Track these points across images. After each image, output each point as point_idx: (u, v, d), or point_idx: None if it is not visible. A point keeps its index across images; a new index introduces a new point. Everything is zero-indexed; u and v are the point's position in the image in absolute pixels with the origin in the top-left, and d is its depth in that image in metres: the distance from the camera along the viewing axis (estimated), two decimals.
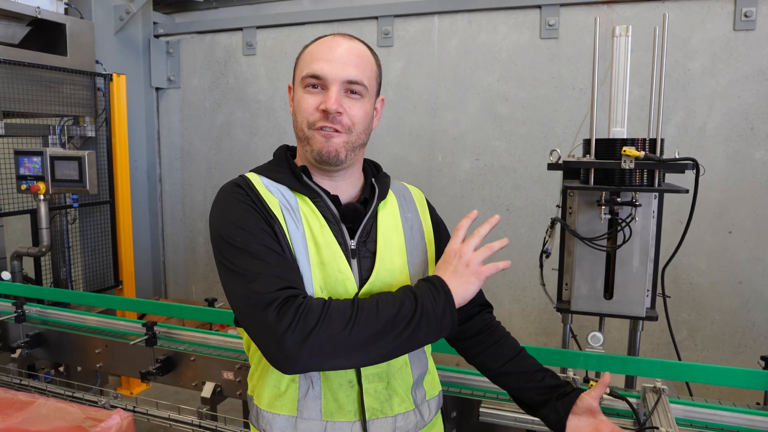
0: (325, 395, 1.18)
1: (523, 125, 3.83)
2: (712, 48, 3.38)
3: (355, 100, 1.18)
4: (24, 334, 2.53)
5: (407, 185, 1.42)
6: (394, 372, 1.23)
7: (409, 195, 1.38)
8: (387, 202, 1.30)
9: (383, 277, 1.21)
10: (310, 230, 1.17)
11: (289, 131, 4.44)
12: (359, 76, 1.17)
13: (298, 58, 1.26)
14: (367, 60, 1.22)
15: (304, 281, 1.13)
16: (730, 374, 1.64)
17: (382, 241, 1.23)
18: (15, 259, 3.50)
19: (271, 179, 1.23)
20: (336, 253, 1.17)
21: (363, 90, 1.18)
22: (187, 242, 5.01)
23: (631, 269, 1.91)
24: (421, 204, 1.39)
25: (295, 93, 1.23)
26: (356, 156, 1.24)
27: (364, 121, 1.21)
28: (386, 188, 1.32)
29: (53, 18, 3.61)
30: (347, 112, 1.16)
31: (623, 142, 1.82)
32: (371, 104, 1.24)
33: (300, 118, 1.20)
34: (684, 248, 2.06)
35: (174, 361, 2.27)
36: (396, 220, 1.29)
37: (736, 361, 3.47)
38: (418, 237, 1.31)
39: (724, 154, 3.42)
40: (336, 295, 1.15)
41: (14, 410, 1.81)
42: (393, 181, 1.38)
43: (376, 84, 1.25)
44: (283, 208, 1.18)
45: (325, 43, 1.20)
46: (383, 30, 4.07)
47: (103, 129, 3.95)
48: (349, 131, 1.18)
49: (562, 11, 3.66)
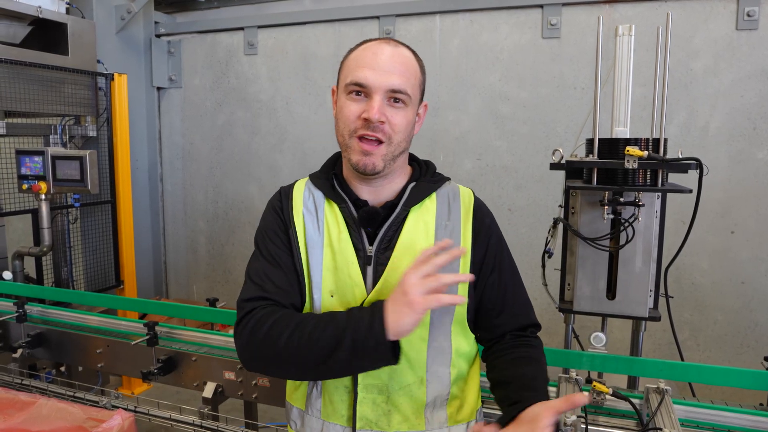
0: (324, 395, 1.23)
1: (524, 125, 3.82)
2: (715, 47, 3.38)
3: (398, 108, 1.17)
4: (25, 333, 2.53)
5: (461, 188, 1.32)
6: (399, 388, 1.19)
7: (457, 200, 1.28)
8: (422, 208, 1.24)
9: (393, 285, 1.15)
10: (329, 236, 1.22)
11: (290, 131, 4.45)
12: (403, 84, 1.16)
13: (342, 63, 1.24)
14: (412, 67, 1.20)
15: (312, 284, 1.20)
16: (733, 375, 1.64)
17: (400, 248, 1.19)
18: (16, 258, 3.50)
19: (314, 184, 1.30)
20: (349, 259, 1.19)
21: (406, 98, 1.17)
22: (188, 242, 5.01)
23: (634, 269, 1.91)
24: (466, 209, 1.27)
25: (339, 98, 1.23)
26: (396, 164, 1.22)
27: (406, 130, 1.19)
28: (422, 193, 1.24)
29: (55, 17, 3.61)
30: (389, 120, 1.15)
31: (626, 141, 1.81)
32: (414, 111, 1.22)
33: (341, 125, 1.20)
34: (686, 248, 2.06)
35: (175, 361, 2.27)
36: (428, 227, 1.22)
37: (738, 362, 3.46)
38: (454, 246, 1.21)
39: (727, 153, 3.41)
40: (345, 300, 1.18)
41: (15, 410, 1.80)
42: (448, 183, 1.31)
43: (419, 91, 1.23)
44: (307, 213, 1.25)
45: (369, 49, 1.19)
46: (385, 30, 4.06)
47: (104, 129, 3.94)
48: (390, 140, 1.16)
49: (564, 11, 3.65)
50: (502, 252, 1.29)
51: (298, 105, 4.42)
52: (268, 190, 4.60)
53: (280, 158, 4.54)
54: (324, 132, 4.36)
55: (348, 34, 4.20)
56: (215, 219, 4.86)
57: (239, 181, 4.72)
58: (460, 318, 1.22)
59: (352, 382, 1.19)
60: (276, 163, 4.55)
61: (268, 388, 2.11)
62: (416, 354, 1.18)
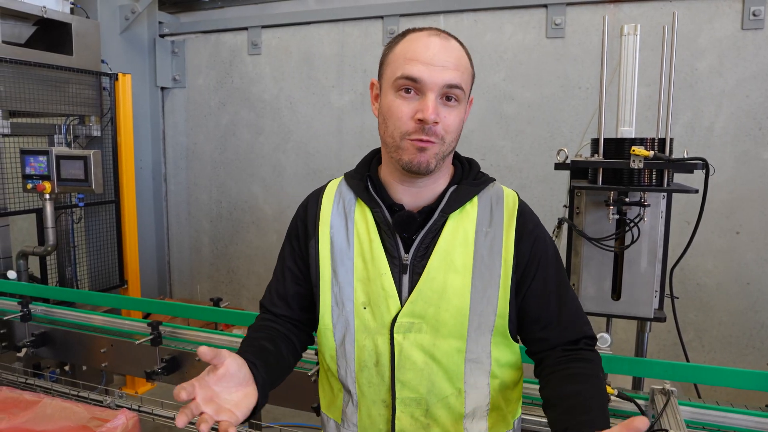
0: (360, 409, 1.19)
1: (529, 125, 3.81)
2: (720, 47, 3.36)
3: (452, 107, 1.08)
4: (29, 333, 2.54)
5: (506, 191, 1.22)
6: (437, 400, 1.15)
7: (500, 204, 1.18)
8: (462, 213, 1.15)
9: (428, 296, 1.11)
10: (359, 244, 1.17)
11: (294, 130, 4.45)
12: (458, 79, 1.07)
13: (386, 55, 1.14)
14: (464, 61, 1.11)
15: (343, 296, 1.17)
16: (739, 376, 1.63)
17: (437, 256, 1.12)
18: (21, 258, 3.51)
19: (348, 185, 1.23)
20: (381, 269, 1.13)
21: (460, 94, 1.08)
22: (192, 242, 5.02)
23: (639, 270, 1.90)
24: (509, 214, 1.17)
25: (384, 96, 1.12)
26: (444, 164, 1.14)
27: (459, 129, 1.11)
28: (463, 197, 1.16)
29: (59, 17, 3.61)
30: (443, 121, 1.07)
31: (632, 141, 1.80)
32: (465, 108, 1.13)
33: (391, 126, 1.10)
34: (691, 249, 2.05)
35: (179, 360, 2.27)
36: (467, 235, 1.14)
37: (743, 363, 3.45)
38: (496, 256, 1.14)
39: (732, 154, 3.40)
40: (380, 311, 1.14)
41: (20, 409, 1.81)
42: (492, 185, 1.21)
43: (469, 88, 1.14)
44: (337, 221, 1.20)
45: (419, 40, 1.08)
46: (388, 29, 4.06)
47: (108, 128, 3.95)
48: (442, 141, 1.08)
49: (569, 10, 3.64)
50: (548, 259, 1.17)
51: (301, 105, 4.42)
52: (272, 190, 4.61)
53: (283, 158, 4.54)
54: (328, 132, 4.36)
55: (352, 34, 4.20)
56: (219, 219, 4.87)
57: (243, 181, 4.72)
58: (500, 329, 1.14)
59: (390, 395, 1.15)
60: (280, 163, 4.56)
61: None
62: (453, 366, 1.13)
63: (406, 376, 1.13)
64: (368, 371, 1.16)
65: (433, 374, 1.13)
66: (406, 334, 1.12)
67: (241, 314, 2.54)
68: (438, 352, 1.12)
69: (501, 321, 1.13)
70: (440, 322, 1.11)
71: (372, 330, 1.15)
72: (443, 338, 1.12)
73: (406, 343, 1.12)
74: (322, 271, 1.19)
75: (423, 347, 1.12)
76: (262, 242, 4.71)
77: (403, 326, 1.12)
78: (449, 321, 1.11)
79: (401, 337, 1.12)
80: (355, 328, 1.16)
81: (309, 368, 2.03)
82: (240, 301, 4.82)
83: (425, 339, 1.12)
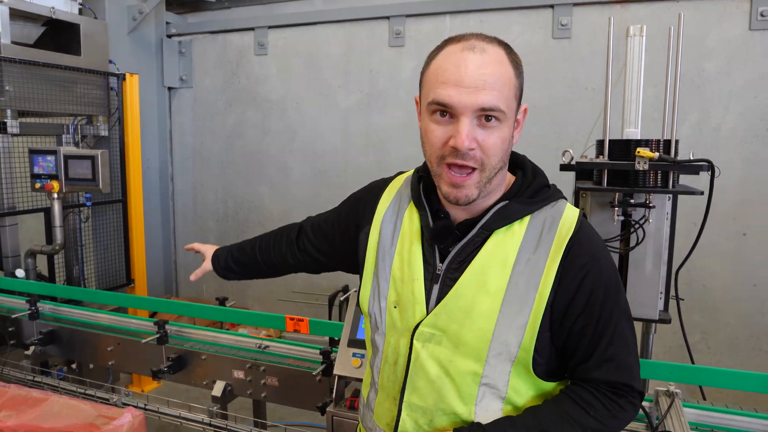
0: (378, 398, 1.23)
1: (534, 126, 3.80)
2: (728, 48, 3.34)
3: (492, 128, 1.01)
4: (37, 331, 2.56)
5: (567, 213, 1.10)
6: (443, 414, 1.12)
7: (553, 229, 1.07)
8: (508, 232, 1.08)
9: (453, 312, 1.08)
10: (401, 244, 1.17)
11: (300, 131, 4.46)
12: (493, 100, 0.99)
13: (424, 71, 1.08)
14: (504, 75, 1.02)
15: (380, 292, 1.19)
16: (745, 378, 1.62)
17: (470, 274, 1.07)
18: (29, 256, 3.54)
19: (410, 183, 1.23)
20: (415, 274, 1.13)
21: (500, 115, 1.01)
22: (198, 241, 5.02)
23: (644, 271, 1.90)
24: (559, 244, 1.06)
25: (422, 117, 1.07)
26: (491, 185, 1.07)
27: (501, 150, 1.03)
28: (512, 215, 1.08)
29: (68, 18, 3.64)
30: (480, 144, 1.00)
31: (637, 143, 1.80)
32: (511, 126, 1.06)
33: (428, 151, 1.06)
34: (697, 250, 2.04)
35: (185, 359, 2.28)
36: (507, 258, 1.06)
37: (750, 366, 3.43)
38: (532, 287, 1.05)
39: (740, 155, 3.38)
40: (406, 315, 1.14)
41: (28, 407, 1.82)
42: (552, 205, 1.11)
43: (515, 100, 1.07)
44: (389, 216, 1.22)
45: (451, 57, 1.02)
46: (395, 30, 4.07)
47: (116, 128, 3.98)
48: (482, 166, 1.02)
49: (575, 11, 3.63)
50: (601, 296, 1.06)
51: (308, 105, 4.43)
52: (278, 190, 4.62)
53: (290, 158, 4.55)
54: (334, 132, 4.37)
55: (358, 35, 4.20)
56: (225, 218, 4.89)
57: (249, 181, 4.74)
58: (523, 362, 1.07)
59: (399, 395, 1.15)
60: (286, 163, 4.57)
61: (277, 387, 2.12)
62: (466, 387, 1.10)
63: (417, 384, 1.13)
64: (389, 367, 1.18)
65: (444, 389, 1.10)
66: (425, 344, 1.11)
67: (247, 314, 2.56)
68: (453, 369, 1.09)
69: (524, 354, 1.06)
70: (461, 341, 1.08)
71: (398, 330, 1.15)
72: (461, 357, 1.08)
73: (423, 352, 1.11)
74: (367, 261, 1.23)
75: (439, 360, 1.10)
76: None
77: (423, 335, 1.11)
78: (470, 342, 1.07)
79: (420, 345, 1.11)
80: (386, 324, 1.18)
81: (314, 368, 2.04)
82: (245, 300, 4.84)
83: (443, 353, 1.09)
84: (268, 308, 4.56)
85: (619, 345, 1.07)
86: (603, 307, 1.06)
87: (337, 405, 1.80)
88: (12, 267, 3.46)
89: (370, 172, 4.26)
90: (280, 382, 2.11)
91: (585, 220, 1.12)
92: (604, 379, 1.07)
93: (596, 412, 1.06)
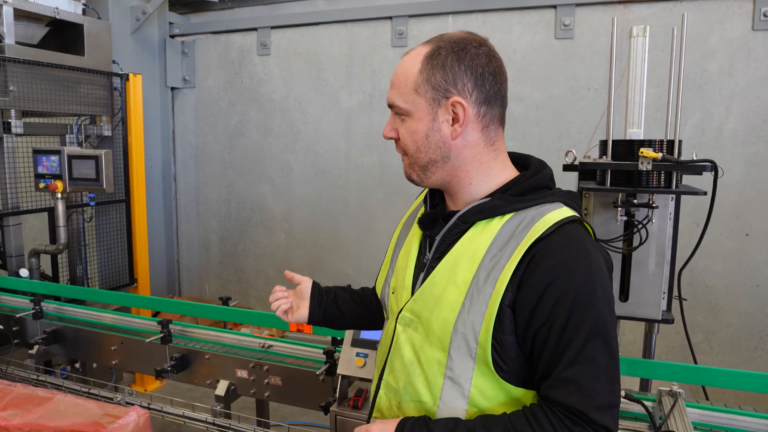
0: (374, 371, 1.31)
1: (537, 126, 3.81)
2: (730, 48, 3.34)
3: (402, 122, 1.13)
4: (41, 330, 2.57)
5: (548, 218, 1.05)
6: (410, 399, 1.15)
7: (527, 229, 1.05)
8: (488, 226, 1.09)
9: (426, 299, 1.12)
10: (410, 236, 1.27)
11: (302, 131, 4.47)
12: (391, 98, 1.14)
13: None
14: (405, 74, 1.10)
15: (387, 277, 1.30)
16: (747, 378, 1.63)
17: (445, 264, 1.11)
18: (33, 256, 3.55)
19: None
20: (409, 263, 1.22)
21: (400, 110, 1.12)
22: (201, 241, 5.05)
23: (647, 271, 1.90)
24: (525, 243, 1.03)
25: None
26: (436, 173, 1.13)
27: (414, 141, 1.11)
28: (491, 210, 1.09)
29: (71, 18, 3.65)
30: (398, 135, 1.15)
31: (640, 143, 1.80)
32: (421, 120, 1.09)
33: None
34: (700, 250, 2.04)
35: (188, 359, 2.29)
36: (477, 252, 1.07)
37: (752, 365, 3.43)
38: (490, 283, 1.04)
39: (742, 155, 3.38)
40: (398, 300, 1.22)
41: (33, 405, 1.83)
42: (538, 207, 1.08)
43: (421, 96, 1.08)
44: (415, 212, 1.31)
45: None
46: (397, 30, 4.07)
47: (119, 128, 3.99)
48: (405, 152, 1.15)
49: (578, 11, 3.63)
50: (569, 306, 0.99)
51: (310, 105, 4.44)
52: (281, 189, 4.63)
53: (292, 158, 4.56)
54: (336, 132, 4.37)
55: (361, 35, 4.21)
56: (228, 218, 4.90)
57: (252, 181, 4.75)
58: (483, 359, 1.05)
59: (380, 373, 1.23)
60: (288, 163, 4.58)
61: (281, 387, 2.13)
62: (432, 376, 1.11)
63: (394, 364, 1.19)
64: (382, 348, 1.27)
65: (414, 374, 1.15)
66: (405, 328, 1.17)
67: (250, 313, 2.56)
68: (423, 355, 1.13)
69: (482, 351, 1.04)
70: (430, 329, 1.12)
71: (393, 313, 1.23)
72: (429, 345, 1.12)
73: (403, 336, 1.17)
74: (388, 251, 1.34)
75: (413, 345, 1.15)
76: (270, 242, 4.74)
77: (404, 319, 1.18)
78: (437, 330, 1.10)
79: (401, 329, 1.18)
80: (388, 309, 1.28)
81: (317, 367, 2.05)
82: (248, 300, 4.84)
83: (417, 339, 1.15)
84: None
85: (583, 366, 0.98)
86: (569, 320, 0.99)
87: (340, 404, 1.81)
88: (16, 266, 3.47)
89: (372, 173, 4.27)
90: (284, 382, 2.12)
91: (573, 227, 1.05)
92: (559, 400, 0.99)
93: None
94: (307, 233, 4.57)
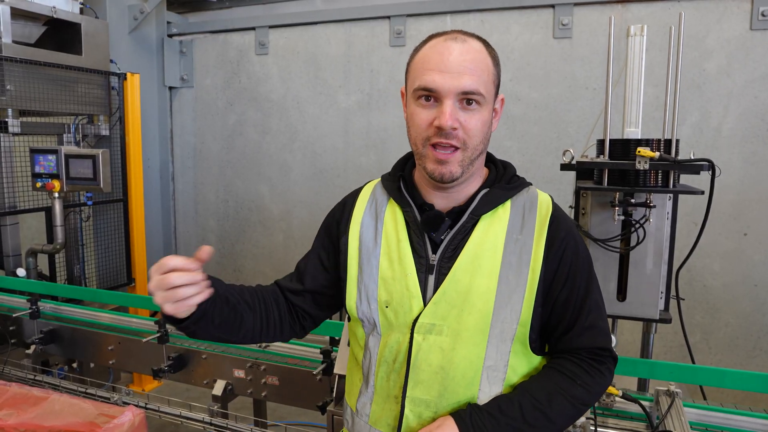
0: (374, 401, 1.21)
1: (535, 125, 3.81)
2: (728, 48, 3.34)
3: (472, 111, 1.09)
4: (38, 330, 2.57)
5: (540, 195, 1.20)
6: (448, 405, 1.13)
7: (533, 210, 1.17)
8: (494, 216, 1.15)
9: (452, 298, 1.11)
10: (387, 244, 1.19)
11: (301, 130, 4.47)
12: (474, 84, 1.07)
13: (409, 63, 1.17)
14: (483, 63, 1.10)
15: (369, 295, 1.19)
16: (745, 378, 1.63)
17: (465, 258, 1.12)
18: (30, 256, 3.54)
19: (383, 186, 1.27)
20: (407, 269, 1.15)
21: (480, 98, 1.09)
22: (199, 240, 5.04)
23: (645, 271, 1.90)
24: (541, 222, 1.16)
25: (408, 104, 1.16)
26: (473, 167, 1.15)
27: (482, 132, 1.11)
28: (495, 200, 1.16)
29: (69, 18, 3.64)
30: (463, 125, 1.08)
31: (638, 142, 1.80)
32: (489, 110, 1.13)
33: (413, 133, 1.14)
34: (698, 250, 2.04)
35: (186, 358, 2.29)
36: (497, 240, 1.13)
37: (750, 365, 3.43)
38: (524, 265, 1.13)
39: (740, 155, 3.38)
40: (402, 311, 1.15)
41: (29, 405, 1.83)
42: (527, 190, 1.20)
43: (494, 87, 1.13)
44: (368, 221, 1.24)
45: (435, 48, 1.11)
46: (395, 29, 4.07)
47: (116, 128, 3.98)
48: (465, 145, 1.09)
49: (576, 11, 3.63)
50: (578, 267, 1.16)
51: (308, 105, 4.44)
52: (279, 189, 4.62)
53: (290, 158, 4.56)
54: (334, 131, 4.37)
55: (359, 34, 4.21)
56: (226, 218, 4.89)
57: (250, 181, 4.74)
58: (521, 338, 1.13)
59: (401, 393, 1.15)
60: (286, 162, 4.57)
61: (278, 387, 2.13)
62: (470, 372, 1.12)
63: (419, 377, 1.13)
64: (387, 366, 1.18)
65: (448, 379, 1.12)
66: (426, 336, 1.12)
67: None
68: (456, 356, 1.11)
69: (522, 329, 1.12)
70: (462, 326, 1.11)
71: (395, 327, 1.16)
72: (463, 343, 1.11)
73: (425, 344, 1.12)
74: (350, 267, 1.23)
75: (442, 350, 1.12)
76: (268, 242, 4.73)
77: (423, 327, 1.12)
78: (471, 325, 1.10)
79: (421, 338, 1.13)
80: (381, 325, 1.19)
81: (314, 367, 2.04)
82: None
83: (445, 342, 1.11)
84: None
85: (596, 312, 1.16)
86: (581, 278, 1.16)
87: (337, 404, 1.80)
88: (13, 266, 3.47)
89: (370, 172, 4.26)
90: (281, 382, 2.11)
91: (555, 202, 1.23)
92: (587, 345, 1.15)
93: (583, 381, 1.13)
94: (305, 233, 4.57)
